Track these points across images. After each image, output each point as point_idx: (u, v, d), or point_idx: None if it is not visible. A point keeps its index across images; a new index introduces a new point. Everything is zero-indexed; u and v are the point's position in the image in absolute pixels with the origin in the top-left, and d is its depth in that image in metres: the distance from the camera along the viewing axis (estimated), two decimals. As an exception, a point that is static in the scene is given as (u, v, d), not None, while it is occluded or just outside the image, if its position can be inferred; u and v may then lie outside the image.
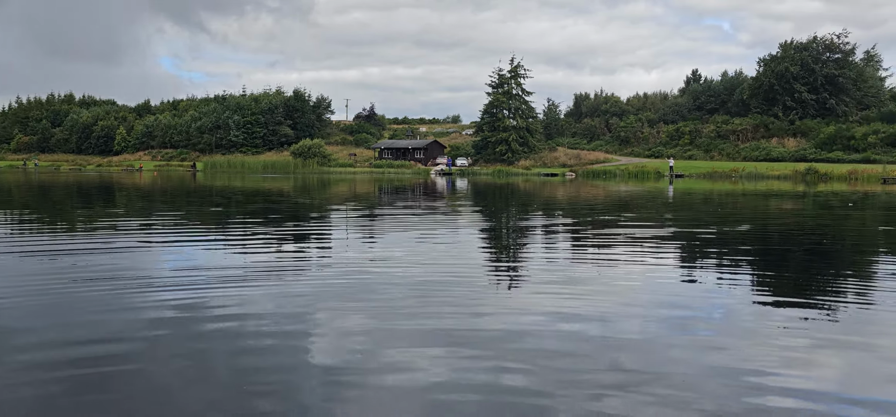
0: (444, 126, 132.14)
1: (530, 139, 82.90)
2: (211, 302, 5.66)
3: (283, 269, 7.46)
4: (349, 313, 5.31)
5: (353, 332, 4.74)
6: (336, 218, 15.29)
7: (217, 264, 7.79)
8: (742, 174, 54.32)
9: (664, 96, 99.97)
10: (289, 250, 9.22)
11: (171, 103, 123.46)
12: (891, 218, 15.94)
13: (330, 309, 5.49)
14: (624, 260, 8.38)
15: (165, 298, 5.79)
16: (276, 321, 5.05)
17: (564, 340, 4.54)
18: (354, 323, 4.99)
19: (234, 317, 5.14)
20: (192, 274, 7.07)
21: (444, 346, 4.38)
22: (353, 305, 5.58)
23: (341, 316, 5.24)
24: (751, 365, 4.01)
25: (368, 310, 5.38)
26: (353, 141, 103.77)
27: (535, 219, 15.15)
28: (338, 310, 5.42)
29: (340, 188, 32.73)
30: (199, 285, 6.39)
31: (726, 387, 3.64)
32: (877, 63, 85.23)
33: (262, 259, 8.28)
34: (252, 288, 6.26)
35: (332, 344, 4.50)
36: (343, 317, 5.19)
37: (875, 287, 6.76)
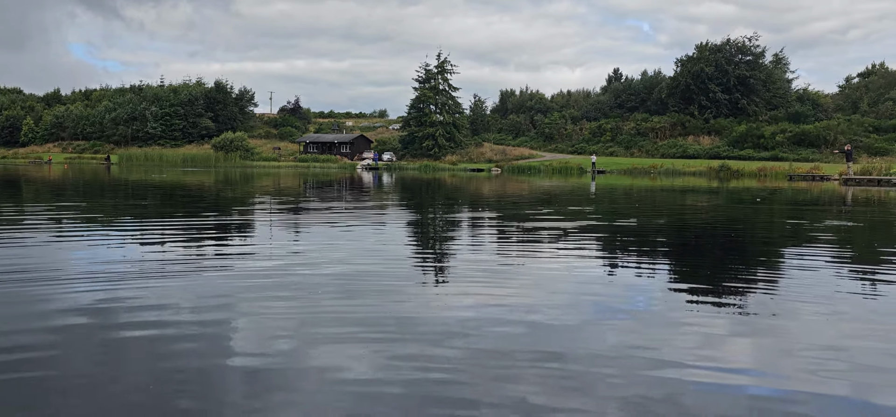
0: (371, 120, 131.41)
1: (457, 134, 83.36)
2: (127, 298, 5.44)
3: (204, 265, 7.24)
4: (273, 309, 5.20)
5: (277, 328, 4.65)
6: (259, 212, 14.96)
7: (133, 260, 7.49)
8: (660, 170, 56.15)
9: (587, 94, 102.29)
10: (209, 245, 8.96)
11: (83, 93, 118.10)
12: (796, 212, 16.80)
13: (253, 305, 5.36)
14: (548, 253, 8.52)
15: (77, 295, 5.53)
16: (196, 318, 4.90)
17: (490, 331, 4.57)
18: (278, 319, 4.89)
19: (151, 314, 4.95)
20: (107, 270, 6.78)
21: (371, 340, 4.34)
22: (277, 301, 5.47)
23: (265, 312, 5.13)
24: (669, 353, 4.14)
25: (293, 306, 5.29)
26: (277, 134, 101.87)
27: (462, 214, 15.24)
28: (261, 307, 5.30)
29: (264, 182, 32.07)
30: (115, 281, 6.13)
31: (646, 375, 3.75)
32: (784, 65, 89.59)
33: (182, 254, 8.01)
34: (171, 284, 6.06)
35: (255, 340, 4.39)
36: (267, 314, 5.08)
37: (782, 276, 7.11)
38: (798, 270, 7.53)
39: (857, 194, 25.45)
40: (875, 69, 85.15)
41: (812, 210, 17.77)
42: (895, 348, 4.36)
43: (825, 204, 20.36)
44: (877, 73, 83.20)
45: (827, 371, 3.83)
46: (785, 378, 3.73)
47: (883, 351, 4.27)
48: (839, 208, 18.40)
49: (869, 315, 5.31)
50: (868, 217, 15.70)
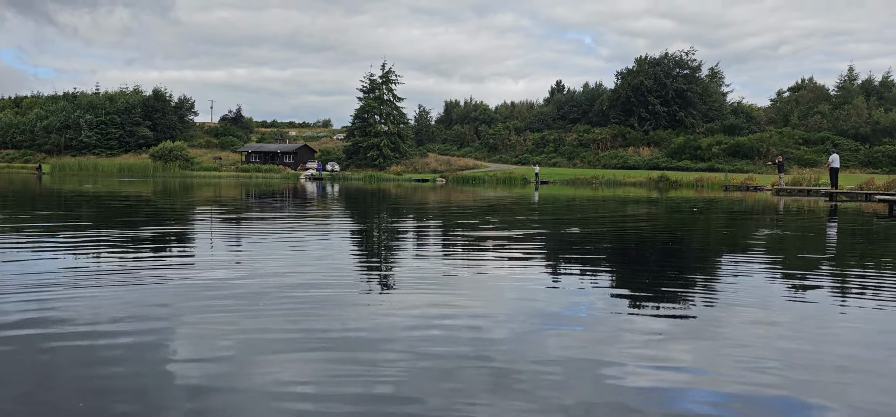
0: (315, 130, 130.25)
1: (402, 144, 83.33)
2: (58, 311, 5.22)
3: (141, 277, 7.02)
4: (214, 322, 5.07)
5: (219, 342, 4.53)
6: (199, 222, 14.62)
7: (65, 270, 7.21)
8: (602, 180, 57.20)
9: (530, 105, 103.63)
10: (147, 256, 8.70)
11: (12, 100, 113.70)
12: (731, 221, 17.35)
13: (193, 318, 5.22)
14: (492, 262, 8.57)
15: (4, 308, 5.28)
16: (132, 329, 4.74)
17: (435, 340, 4.56)
18: (220, 332, 4.77)
19: (84, 328, 4.76)
20: (36, 282, 6.50)
21: (315, 352, 4.28)
22: (219, 313, 5.34)
23: (206, 325, 5.00)
24: (612, 357, 4.20)
25: (235, 318, 5.17)
26: (218, 144, 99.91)
27: (407, 223, 15.21)
28: (202, 319, 5.16)
29: (204, 192, 31.38)
30: (44, 293, 5.89)
31: (590, 379, 3.79)
32: (720, 79, 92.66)
33: (117, 265, 7.75)
34: (105, 296, 5.85)
35: (195, 354, 4.27)
36: (208, 326, 4.95)
37: (719, 281, 7.31)
38: (734, 276, 7.76)
39: (788, 204, 26.44)
40: (804, 84, 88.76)
41: (747, 219, 18.37)
42: (823, 348, 4.53)
43: (759, 213, 21.07)
44: (806, 88, 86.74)
45: (762, 372, 3.94)
46: (723, 380, 3.82)
47: (812, 352, 4.43)
48: (771, 217, 19.07)
49: (799, 317, 5.50)
50: (798, 225, 16.32)
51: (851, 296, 6.63)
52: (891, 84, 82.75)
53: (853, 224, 16.73)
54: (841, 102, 78.64)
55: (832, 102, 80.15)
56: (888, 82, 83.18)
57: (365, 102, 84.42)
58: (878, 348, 4.64)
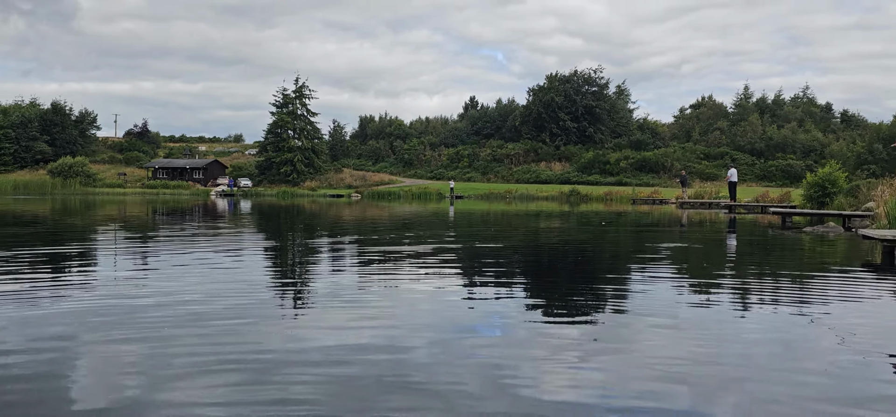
0: (226, 145, 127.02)
1: (316, 160, 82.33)
2: (-60, 341, 4.83)
3: (38, 299, 6.60)
4: (118, 345, 4.82)
5: (123, 366, 4.30)
6: (102, 242, 13.92)
7: (-50, 297, 6.69)
8: (515, 195, 58.20)
9: (445, 121, 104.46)
10: (44, 278, 8.19)
11: None
12: (639, 233, 17.97)
13: (95, 342, 4.94)
14: (408, 277, 8.53)
15: None
16: (29, 358, 4.44)
17: (351, 359, 4.48)
18: (124, 357, 4.53)
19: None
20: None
21: (225, 375, 4.12)
22: (123, 337, 5.07)
23: (109, 349, 4.74)
24: (527, 370, 4.24)
25: (140, 342, 4.92)
26: (123, 159, 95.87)
27: (322, 240, 14.98)
28: (105, 344, 4.89)
29: (108, 210, 29.97)
30: (-75, 322, 5.44)
31: (506, 392, 3.81)
32: (626, 96, 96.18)
33: (11, 288, 7.26)
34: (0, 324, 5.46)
35: (98, 381, 4.04)
36: (111, 351, 4.69)
37: (628, 292, 7.53)
38: (642, 285, 8.01)
39: (691, 216, 27.63)
40: (705, 101, 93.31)
41: (653, 231, 19.07)
42: (725, 350, 4.72)
43: (664, 225, 21.92)
44: (706, 105, 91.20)
45: (669, 376, 4.07)
46: (633, 385, 3.92)
47: (715, 354, 4.62)
48: (676, 229, 19.87)
49: (703, 323, 5.73)
50: (700, 236, 17.07)
51: (750, 302, 6.97)
52: (782, 102, 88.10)
53: (751, 234, 17.65)
54: (738, 119, 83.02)
55: (730, 119, 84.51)
56: (780, 100, 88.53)
57: (278, 117, 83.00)
58: (775, 347, 4.88)
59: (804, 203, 27.62)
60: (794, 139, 75.27)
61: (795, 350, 4.90)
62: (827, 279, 8.79)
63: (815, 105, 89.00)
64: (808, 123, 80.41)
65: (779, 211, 23.53)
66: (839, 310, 6.55)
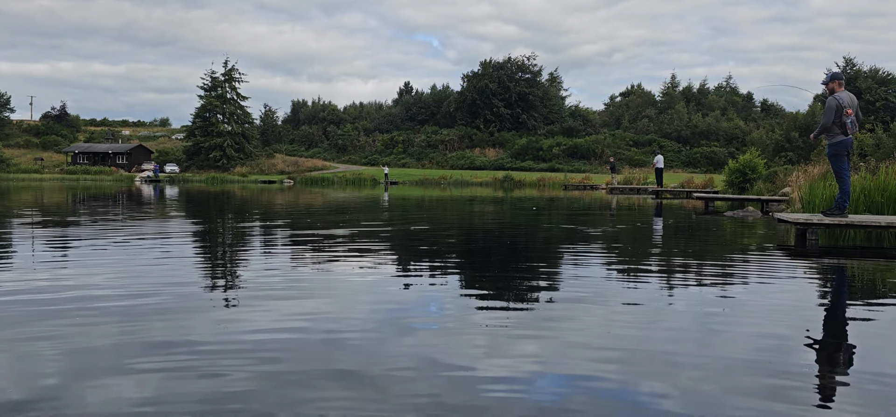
0: (152, 129, 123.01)
1: (246, 145, 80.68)
2: None
3: (-55, 292, 6.24)
4: (37, 340, 4.59)
5: (43, 361, 4.11)
6: (16, 230, 13.27)
7: None
8: (450, 181, 58.45)
9: (379, 106, 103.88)
10: (-47, 269, 7.76)
11: None
12: (570, 218, 18.31)
13: (12, 337, 4.70)
14: (342, 265, 8.46)
15: None
16: (-67, 354, 4.19)
17: (286, 350, 4.41)
18: (44, 350, 4.33)
19: None
20: None
21: (155, 365, 3.99)
22: (41, 330, 4.85)
23: (27, 344, 4.51)
24: (463, 357, 4.27)
25: (62, 335, 4.71)
26: (39, 144, 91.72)
27: (253, 227, 14.69)
28: (20, 335, 4.67)
29: (23, 197, 28.61)
30: None
31: (442, 378, 3.82)
32: (559, 84, 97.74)
33: (-85, 281, 6.84)
34: None
35: (15, 374, 3.84)
36: (30, 346, 4.47)
37: (561, 277, 7.67)
38: (574, 270, 8.18)
39: (620, 201, 28.33)
40: (634, 89, 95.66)
41: (584, 216, 19.46)
42: (653, 333, 4.87)
43: (595, 210, 22.41)
44: (635, 93, 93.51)
45: (601, 359, 4.16)
46: (567, 368, 3.99)
47: (643, 337, 4.75)
48: (606, 214, 20.34)
49: (632, 306, 5.88)
50: (629, 221, 17.53)
51: (676, 283, 7.20)
52: (707, 91, 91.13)
53: (676, 219, 18.22)
54: (665, 107, 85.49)
55: (658, 107, 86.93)
56: (704, 89, 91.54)
57: (206, 101, 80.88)
58: (701, 328, 5.06)
59: (726, 188, 28.71)
60: (718, 127, 78.06)
61: (718, 329, 5.09)
62: (746, 260, 9.16)
63: (738, 94, 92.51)
64: (730, 112, 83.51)
65: (702, 197, 24.39)
66: (758, 289, 6.84)
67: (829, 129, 11.20)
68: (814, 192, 14.80)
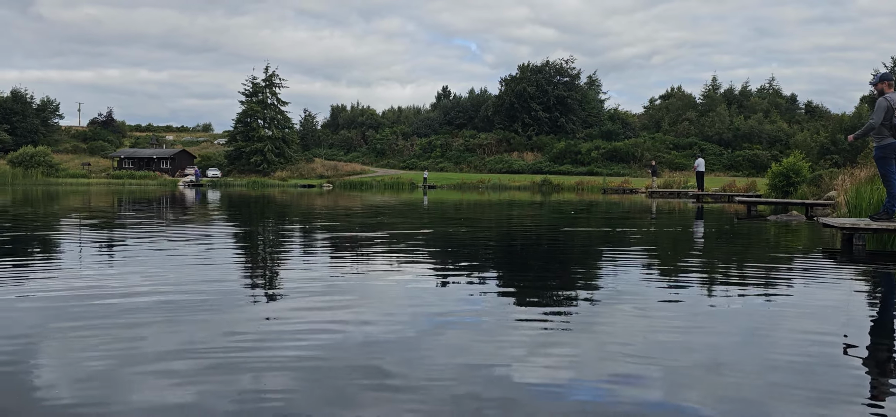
0: (195, 134, 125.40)
1: (287, 150, 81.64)
2: None
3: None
4: (84, 340, 4.72)
5: (90, 362, 4.23)
6: (66, 233, 13.66)
7: None
8: (488, 185, 58.39)
9: (417, 110, 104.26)
10: (4, 272, 8.02)
11: None
12: (609, 221, 18.14)
13: (59, 334, 4.85)
14: (382, 267, 8.52)
15: None
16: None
17: (325, 350, 4.46)
18: (91, 351, 4.45)
19: (-70, 350, 4.31)
20: None
21: (197, 368, 4.07)
22: (89, 331, 4.98)
23: (74, 342, 4.65)
24: (501, 358, 4.26)
25: (107, 336, 4.84)
26: (87, 149, 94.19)
27: (293, 230, 14.87)
28: (69, 338, 4.80)
29: (71, 201, 29.42)
30: None
31: (480, 379, 3.82)
32: (597, 87, 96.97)
33: (-29, 281, 7.09)
34: (-44, 316, 5.33)
35: (63, 377, 3.96)
36: (76, 343, 4.60)
37: (600, 281, 7.61)
38: (613, 274, 8.10)
39: (660, 205, 27.97)
40: (674, 92, 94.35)
41: (623, 219, 19.26)
42: (694, 339, 4.79)
43: (634, 214, 22.16)
44: (675, 96, 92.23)
45: (641, 363, 4.11)
46: (605, 372, 3.96)
47: (684, 343, 4.68)
48: (645, 218, 20.10)
49: (672, 311, 5.80)
50: (669, 224, 17.29)
51: (718, 288, 7.08)
52: (749, 93, 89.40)
53: (717, 223, 17.92)
54: (706, 110, 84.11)
55: (698, 109, 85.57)
56: (747, 91, 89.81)
57: (248, 106, 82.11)
58: (743, 333, 4.97)
59: (769, 192, 28.11)
60: (760, 129, 76.52)
61: (762, 335, 4.99)
62: (790, 265, 8.97)
63: (781, 96, 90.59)
64: (773, 114, 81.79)
65: (744, 201, 23.94)
66: (803, 296, 6.69)
67: (877, 131, 10.91)
68: (860, 196, 14.43)
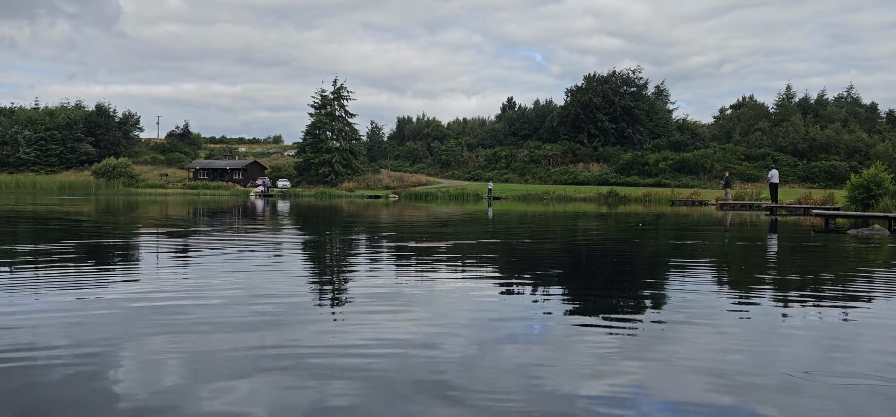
0: (266, 146, 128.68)
1: (354, 161, 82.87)
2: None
3: (83, 297, 6.79)
4: (160, 345, 4.93)
5: (165, 366, 4.41)
6: (144, 242, 14.24)
7: (2, 292, 6.92)
8: (553, 196, 57.88)
9: (482, 122, 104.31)
10: (88, 278, 8.42)
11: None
12: (678, 235, 17.73)
13: (137, 342, 5.07)
14: (446, 278, 8.56)
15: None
16: (73, 358, 4.56)
17: (388, 358, 4.52)
18: (166, 356, 4.64)
19: (22, 353, 4.57)
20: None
21: (266, 373, 4.19)
22: (164, 337, 5.19)
23: (151, 349, 4.85)
24: (566, 373, 4.23)
25: (182, 341, 5.03)
26: (164, 160, 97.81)
27: (359, 240, 15.10)
28: (146, 343, 5.01)
29: (150, 210, 30.64)
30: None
31: (545, 394, 3.81)
32: (665, 97, 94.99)
33: (58, 285, 7.47)
34: (45, 318, 5.63)
35: (139, 380, 4.14)
36: (153, 350, 4.81)
37: (667, 295, 7.44)
38: (682, 289, 7.91)
39: (732, 218, 27.17)
40: (745, 101, 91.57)
41: (693, 233, 18.80)
42: (768, 359, 4.64)
43: (704, 227, 21.60)
44: (747, 105, 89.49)
45: (710, 383, 4.02)
46: (673, 391, 3.88)
47: (757, 363, 4.54)
48: (716, 231, 19.56)
49: (745, 329, 5.64)
50: (741, 238, 16.78)
51: (793, 305, 6.83)
52: (826, 102, 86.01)
53: (793, 237, 17.29)
54: (780, 119, 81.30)
55: (772, 119, 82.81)
56: (823, 100, 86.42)
57: (316, 118, 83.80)
58: (821, 353, 4.79)
59: (848, 205, 26.94)
60: (838, 140, 73.45)
61: (840, 355, 4.80)
62: (872, 282, 8.58)
63: (860, 105, 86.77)
64: (852, 123, 78.39)
65: (822, 213, 23.00)
66: (885, 314, 6.39)
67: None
68: (950, 210, 13.67)
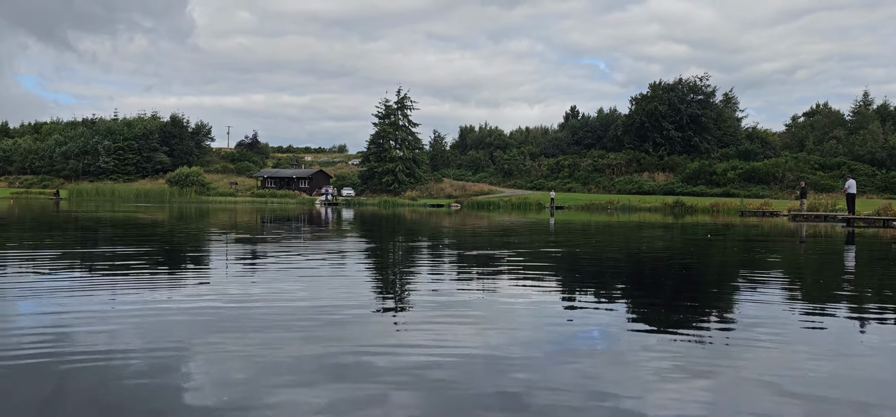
0: (331, 155, 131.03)
1: (417, 170, 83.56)
2: (72, 338, 5.25)
3: (156, 301, 7.05)
4: (228, 348, 5.07)
5: (233, 369, 4.53)
6: (214, 247, 14.69)
7: (78, 297, 7.25)
8: (617, 206, 56.98)
9: (545, 130, 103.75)
10: (162, 281, 8.74)
11: (32, 126, 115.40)
12: (748, 247, 17.19)
13: (207, 344, 5.23)
14: (508, 288, 8.53)
15: (18, 337, 5.31)
16: (146, 358, 4.75)
17: (450, 367, 4.53)
18: (234, 359, 4.77)
19: (98, 357, 4.78)
20: (50, 308, 6.55)
21: (329, 380, 4.26)
22: (233, 340, 5.34)
23: (220, 351, 5.00)
24: (629, 386, 4.16)
25: (249, 345, 5.17)
26: (234, 169, 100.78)
27: (422, 248, 15.20)
28: (215, 346, 5.17)
29: (220, 217, 31.59)
30: (59, 320, 5.92)
31: (607, 409, 3.75)
32: (734, 105, 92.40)
33: (132, 289, 7.79)
34: (120, 321, 5.87)
35: (208, 381, 4.27)
36: (221, 353, 4.95)
37: (736, 309, 7.22)
38: (751, 303, 7.66)
39: (805, 229, 26.18)
40: (819, 109, 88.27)
41: (764, 245, 18.20)
42: (842, 378, 4.45)
43: (776, 239, 20.88)
44: (821, 113, 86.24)
45: (780, 402, 3.88)
46: (741, 409, 3.76)
47: (832, 382, 4.36)
48: (788, 243, 18.88)
49: (819, 346, 5.42)
50: (816, 251, 16.15)
51: (870, 322, 6.53)
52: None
53: (871, 250, 16.54)
54: (856, 127, 78.06)
55: (848, 127, 79.58)
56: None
57: (380, 128, 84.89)
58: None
59: (934, 217, 25.60)
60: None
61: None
62: (960, 299, 8.12)
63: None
64: (937, 131, 74.58)
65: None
66: (974, 334, 6.04)
67: None
68: None
